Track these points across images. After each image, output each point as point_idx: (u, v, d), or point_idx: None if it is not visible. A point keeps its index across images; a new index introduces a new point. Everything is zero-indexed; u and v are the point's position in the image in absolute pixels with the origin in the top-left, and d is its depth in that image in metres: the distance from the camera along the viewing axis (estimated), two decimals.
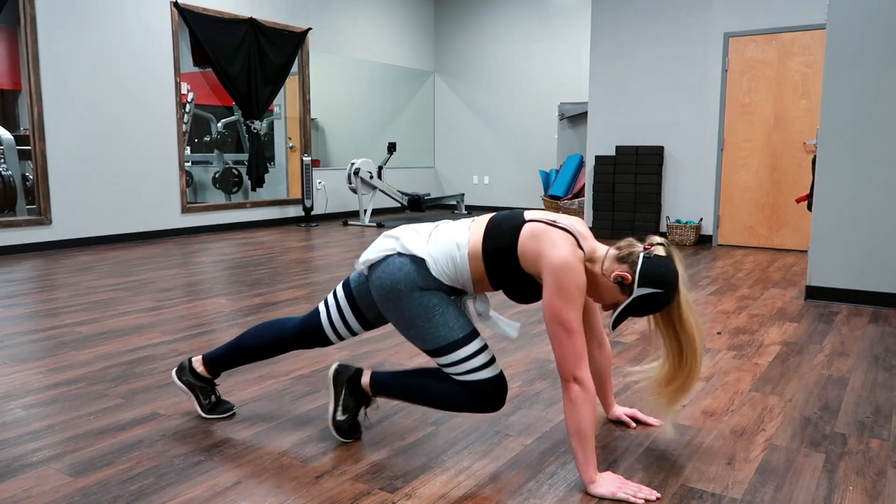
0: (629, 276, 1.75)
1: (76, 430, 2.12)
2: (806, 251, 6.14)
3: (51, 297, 4.03)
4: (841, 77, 3.95)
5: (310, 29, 8.19)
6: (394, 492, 1.75)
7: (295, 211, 8.36)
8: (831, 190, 4.03)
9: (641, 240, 1.84)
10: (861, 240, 3.97)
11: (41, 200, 5.86)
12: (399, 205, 9.73)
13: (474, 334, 1.86)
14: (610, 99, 7.05)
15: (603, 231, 7.11)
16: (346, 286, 2.06)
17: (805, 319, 3.63)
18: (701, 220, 6.62)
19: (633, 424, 2.17)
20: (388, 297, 1.87)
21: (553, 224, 1.79)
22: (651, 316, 1.87)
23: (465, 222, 1.93)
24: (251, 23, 7.46)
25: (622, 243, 1.82)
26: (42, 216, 5.87)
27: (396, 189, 8.70)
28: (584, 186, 8.02)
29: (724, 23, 6.37)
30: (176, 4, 6.74)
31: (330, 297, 2.09)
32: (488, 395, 1.84)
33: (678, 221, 6.69)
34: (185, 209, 7.02)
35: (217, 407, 2.22)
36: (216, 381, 2.52)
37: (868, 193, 3.93)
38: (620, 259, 1.79)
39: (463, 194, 8.88)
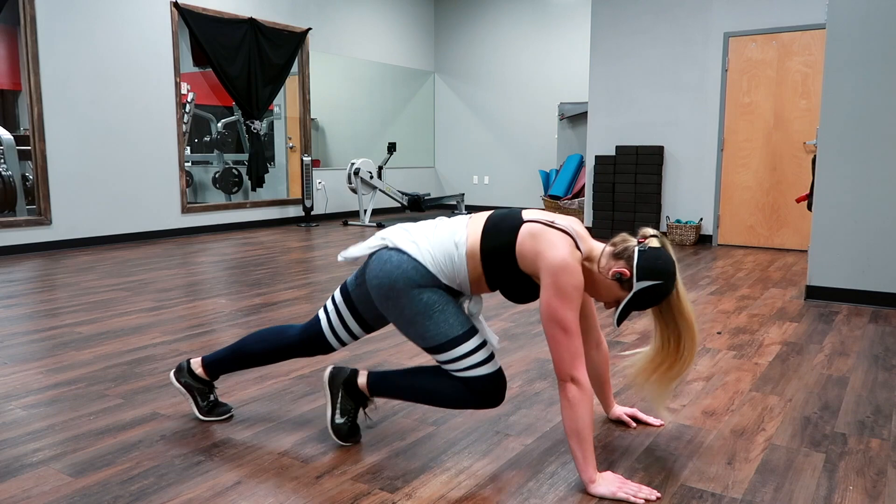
0: (627, 272, 1.75)
1: (76, 431, 2.12)
2: (806, 251, 6.14)
3: (51, 298, 4.03)
4: (841, 77, 3.95)
5: (310, 29, 8.19)
6: (394, 492, 1.75)
7: (295, 211, 8.36)
8: (831, 190, 4.03)
9: (634, 234, 1.85)
10: (861, 240, 3.97)
11: (41, 200, 5.86)
12: (399, 205, 9.73)
13: (474, 330, 1.86)
14: (610, 99, 7.05)
15: (603, 231, 7.11)
16: (343, 290, 2.06)
17: (805, 319, 3.63)
18: (701, 219, 6.62)
19: (633, 424, 2.17)
20: (387, 295, 1.86)
21: (551, 224, 1.79)
22: (652, 309, 1.88)
23: (462, 220, 1.92)
24: (251, 23, 7.46)
25: (616, 239, 1.83)
26: (42, 216, 5.87)
27: (396, 189, 8.70)
28: (584, 186, 8.02)
29: (724, 23, 6.37)
30: (176, 4, 6.74)
31: (329, 304, 2.08)
32: (488, 391, 1.84)
33: (678, 221, 6.69)
34: (185, 209, 7.02)
35: (214, 409, 2.21)
36: (215, 383, 2.50)
37: (868, 193, 3.93)
38: (616, 255, 1.79)
39: (463, 194, 8.88)
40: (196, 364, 2.19)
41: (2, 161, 6.38)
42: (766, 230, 6.34)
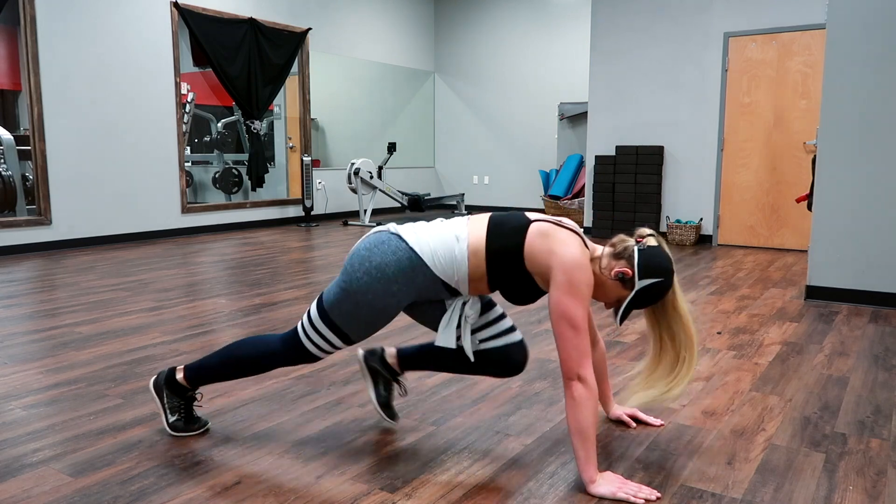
0: (629, 271, 1.77)
1: (76, 430, 2.12)
2: (806, 251, 6.14)
3: (51, 297, 4.03)
4: (841, 77, 3.95)
5: (310, 29, 8.19)
6: (394, 492, 1.75)
7: (295, 211, 8.36)
8: (831, 190, 4.03)
9: (630, 234, 1.87)
10: (861, 240, 3.97)
11: (41, 200, 5.86)
12: (399, 205, 9.73)
13: (353, 341, 1.90)
14: (610, 99, 7.05)
15: (603, 231, 7.11)
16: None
17: (805, 319, 3.63)
18: (701, 219, 6.62)
19: (633, 424, 2.17)
20: (368, 271, 1.80)
21: (560, 224, 1.81)
22: (646, 309, 1.90)
23: (462, 219, 1.91)
24: (251, 23, 7.46)
25: (615, 240, 1.85)
26: (42, 216, 5.87)
27: (396, 189, 8.70)
28: (584, 186, 8.02)
29: (724, 23, 6.37)
30: (176, 4, 6.74)
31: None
32: (299, 355, 1.92)
33: (678, 221, 6.69)
34: (185, 209, 7.02)
35: (387, 406, 2.14)
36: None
37: (868, 193, 3.93)
38: (616, 256, 1.81)
39: (463, 194, 8.88)
40: (391, 354, 2.15)
41: (2, 161, 6.38)
42: (766, 230, 6.34)
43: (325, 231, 7.49)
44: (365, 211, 8.11)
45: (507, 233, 1.81)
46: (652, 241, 1.83)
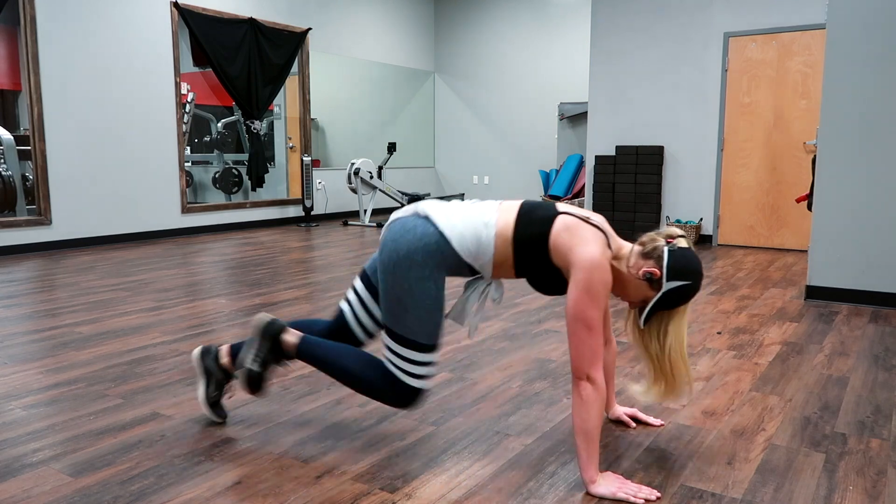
0: (658, 272, 1.76)
1: (76, 430, 2.12)
2: (806, 251, 6.14)
3: (51, 297, 4.03)
4: (841, 77, 3.95)
5: (310, 29, 8.19)
6: (394, 492, 1.75)
7: (295, 211, 8.36)
8: (831, 190, 4.03)
9: (634, 235, 1.86)
10: (861, 240, 3.97)
11: (41, 200, 5.86)
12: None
13: (437, 347, 1.87)
14: (610, 99, 7.05)
15: None
16: (363, 276, 2.03)
17: (805, 319, 3.63)
18: (701, 219, 6.62)
19: (633, 424, 2.17)
20: (397, 262, 1.81)
21: (587, 220, 1.79)
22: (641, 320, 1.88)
23: (493, 204, 1.90)
24: (251, 23, 7.46)
25: (644, 239, 1.83)
26: (42, 216, 5.87)
27: (396, 189, 8.70)
28: (584, 186, 8.02)
29: (724, 23, 6.37)
30: (176, 4, 6.74)
31: (349, 293, 2.06)
32: (409, 399, 1.88)
33: (678, 221, 6.69)
34: (185, 209, 7.02)
35: (216, 406, 2.15)
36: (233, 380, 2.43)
37: (868, 193, 3.93)
38: (645, 255, 1.80)
39: (463, 194, 8.88)
40: (224, 353, 2.13)
41: (2, 161, 6.38)
42: (766, 230, 6.34)
43: (325, 231, 7.49)
44: (365, 211, 8.11)
45: (533, 223, 1.80)
46: (683, 243, 1.81)
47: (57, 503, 1.68)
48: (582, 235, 1.75)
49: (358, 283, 2.04)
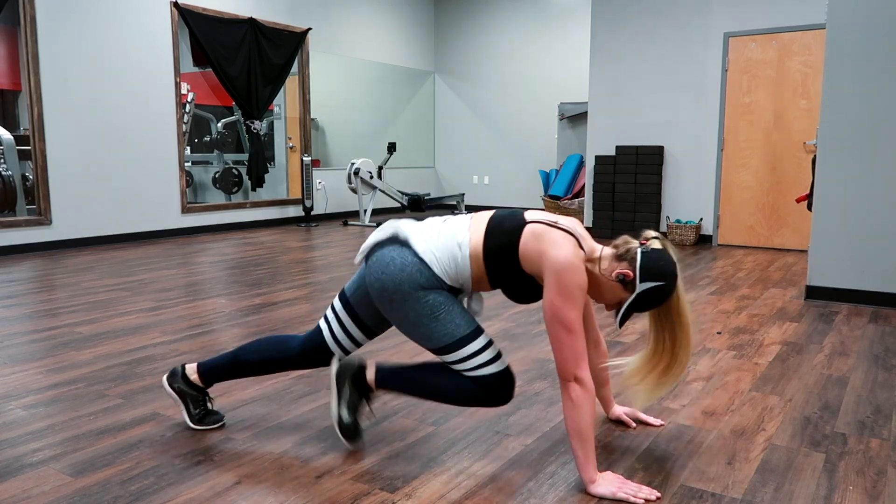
0: (630, 273, 1.75)
1: (76, 430, 2.12)
2: (806, 251, 6.14)
3: (51, 297, 4.03)
4: (841, 77, 3.95)
5: (310, 29, 8.19)
6: (394, 492, 1.75)
7: (295, 211, 8.36)
8: (831, 190, 4.03)
9: (635, 234, 1.85)
10: (861, 240, 3.97)
11: (41, 200, 5.86)
12: (399, 205, 9.73)
13: (480, 330, 1.85)
14: (610, 99, 7.05)
15: (603, 231, 7.11)
16: (342, 297, 2.03)
17: (805, 319, 3.63)
18: (701, 219, 6.62)
19: (633, 424, 2.17)
20: (391, 298, 1.84)
21: (554, 225, 1.79)
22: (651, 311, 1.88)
23: (465, 220, 1.91)
24: (251, 23, 7.46)
25: (618, 241, 1.83)
26: (42, 216, 5.87)
27: (396, 189, 8.70)
28: (584, 186, 8.02)
29: (724, 23, 6.37)
30: (176, 4, 6.74)
31: (328, 312, 2.05)
32: (498, 389, 1.83)
33: (678, 221, 6.69)
34: (185, 209, 7.02)
35: (206, 417, 2.14)
36: (209, 390, 2.42)
37: (868, 193, 3.93)
38: (619, 257, 1.79)
39: (463, 194, 8.87)
40: (191, 370, 2.12)
41: (2, 161, 6.38)
42: (766, 230, 6.34)
43: (325, 231, 7.49)
44: (365, 211, 8.11)
45: (502, 235, 1.82)
46: (656, 244, 1.80)
47: (57, 503, 1.68)
48: (551, 239, 1.75)
49: (337, 304, 2.03)
